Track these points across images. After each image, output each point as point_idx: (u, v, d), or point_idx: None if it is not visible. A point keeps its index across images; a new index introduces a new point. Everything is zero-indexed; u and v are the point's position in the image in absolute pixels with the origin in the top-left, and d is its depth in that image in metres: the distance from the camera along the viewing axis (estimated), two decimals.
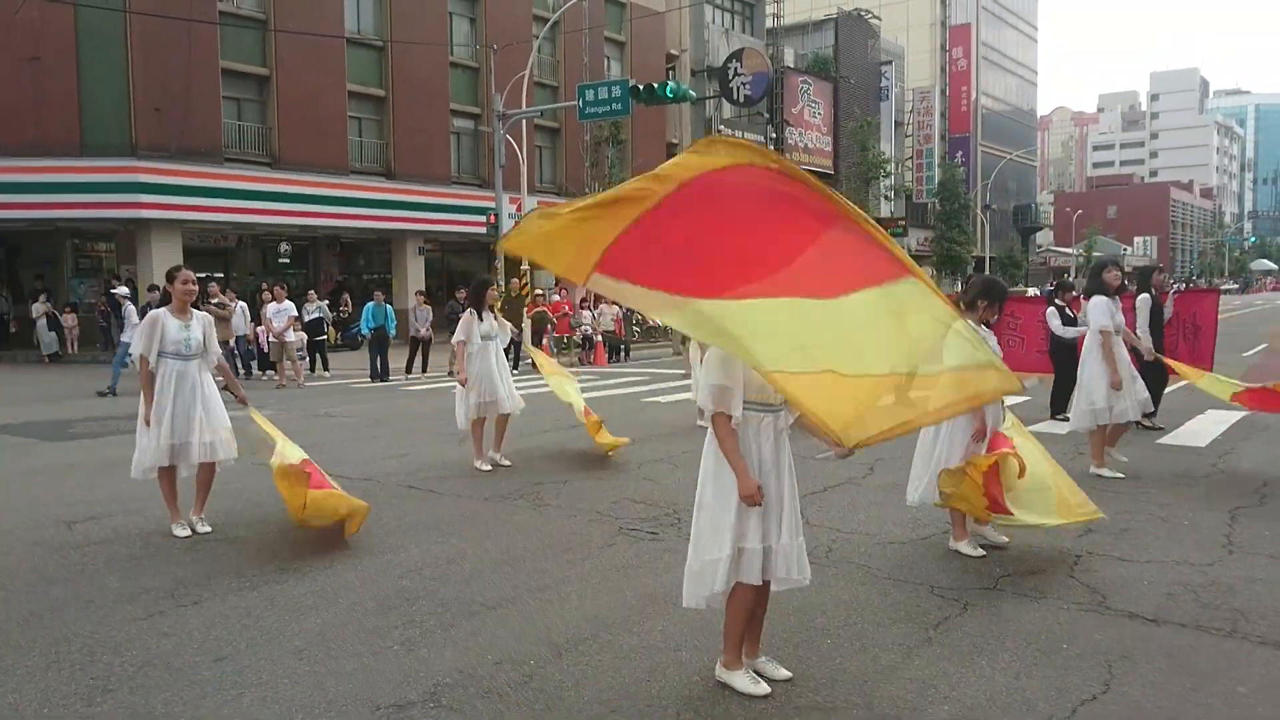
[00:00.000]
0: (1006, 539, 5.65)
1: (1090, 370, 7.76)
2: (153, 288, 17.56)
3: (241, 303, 19.31)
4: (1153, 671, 3.85)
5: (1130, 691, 3.67)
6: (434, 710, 3.57)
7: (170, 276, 6.26)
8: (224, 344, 10.57)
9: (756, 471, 3.55)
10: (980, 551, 5.48)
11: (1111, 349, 7.57)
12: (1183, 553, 5.49)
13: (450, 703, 3.63)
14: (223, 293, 18.42)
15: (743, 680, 3.67)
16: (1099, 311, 7.69)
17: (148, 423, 6.01)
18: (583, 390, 14.43)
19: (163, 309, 6.18)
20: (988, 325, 5.60)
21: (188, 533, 6.10)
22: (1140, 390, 7.76)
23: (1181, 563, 5.29)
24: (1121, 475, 7.62)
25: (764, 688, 3.65)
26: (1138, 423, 9.67)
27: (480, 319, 8.46)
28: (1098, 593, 4.81)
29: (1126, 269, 8.98)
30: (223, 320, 16.47)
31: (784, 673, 3.78)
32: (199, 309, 6.40)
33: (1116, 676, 3.80)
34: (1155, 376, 9.77)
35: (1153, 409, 8.96)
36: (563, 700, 3.65)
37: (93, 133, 23.01)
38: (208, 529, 6.21)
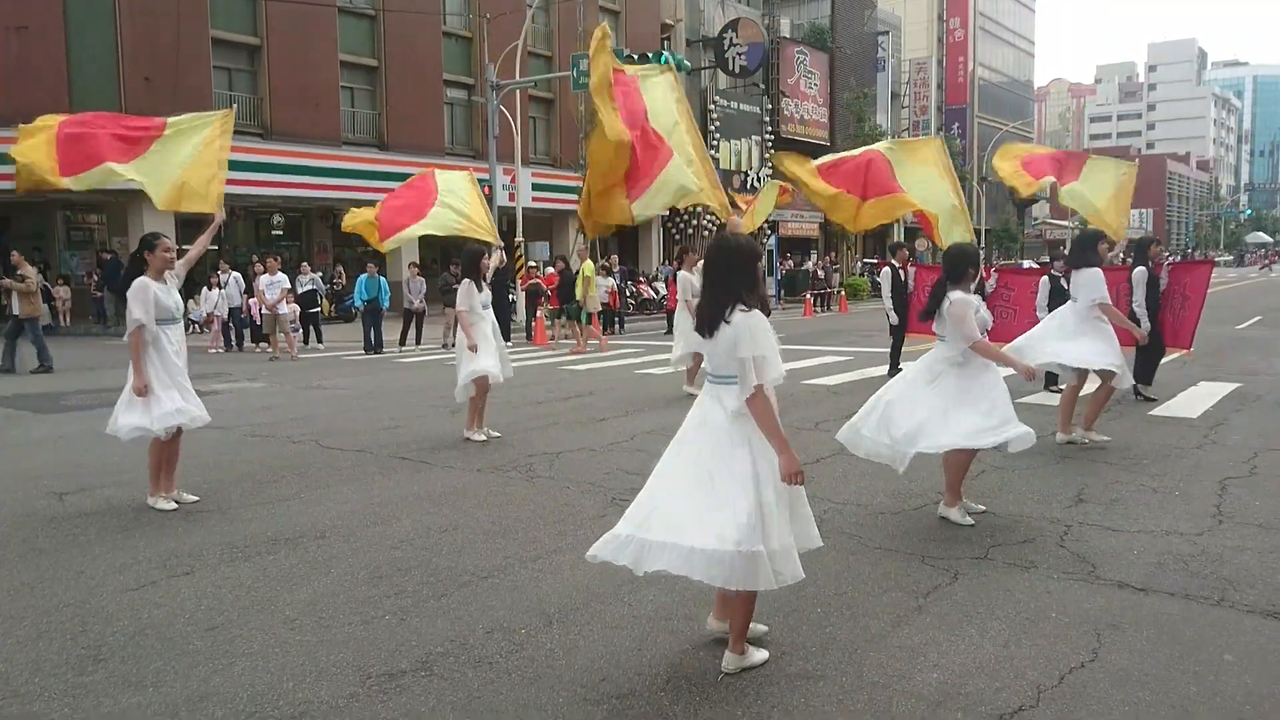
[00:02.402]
0: (982, 507, 5.70)
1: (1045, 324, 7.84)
2: (135, 255, 17.40)
3: (236, 273, 19.20)
4: (1141, 640, 3.87)
5: (1118, 660, 3.69)
6: (425, 679, 3.58)
7: (150, 245, 6.14)
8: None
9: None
10: (969, 520, 5.51)
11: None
12: (1172, 523, 5.52)
13: (442, 671, 3.65)
14: (197, 267, 18.22)
15: (761, 655, 3.70)
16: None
17: (140, 393, 5.92)
18: (577, 364, 14.47)
19: (144, 277, 6.08)
20: (980, 294, 5.64)
21: (172, 505, 6.06)
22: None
23: (1171, 532, 5.32)
24: (1102, 442, 7.60)
25: (762, 653, 3.71)
26: (1136, 394, 9.72)
27: (479, 289, 8.42)
28: (1087, 562, 4.83)
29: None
30: (25, 295, 14.56)
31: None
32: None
33: (1105, 645, 3.82)
34: (1151, 348, 9.79)
35: (1144, 381, 8.95)
36: (553, 669, 3.67)
37: (82, 102, 22.63)
38: (194, 498, 6.21)
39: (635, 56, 21.46)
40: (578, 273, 18.48)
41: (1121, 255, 10.21)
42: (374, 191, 27.72)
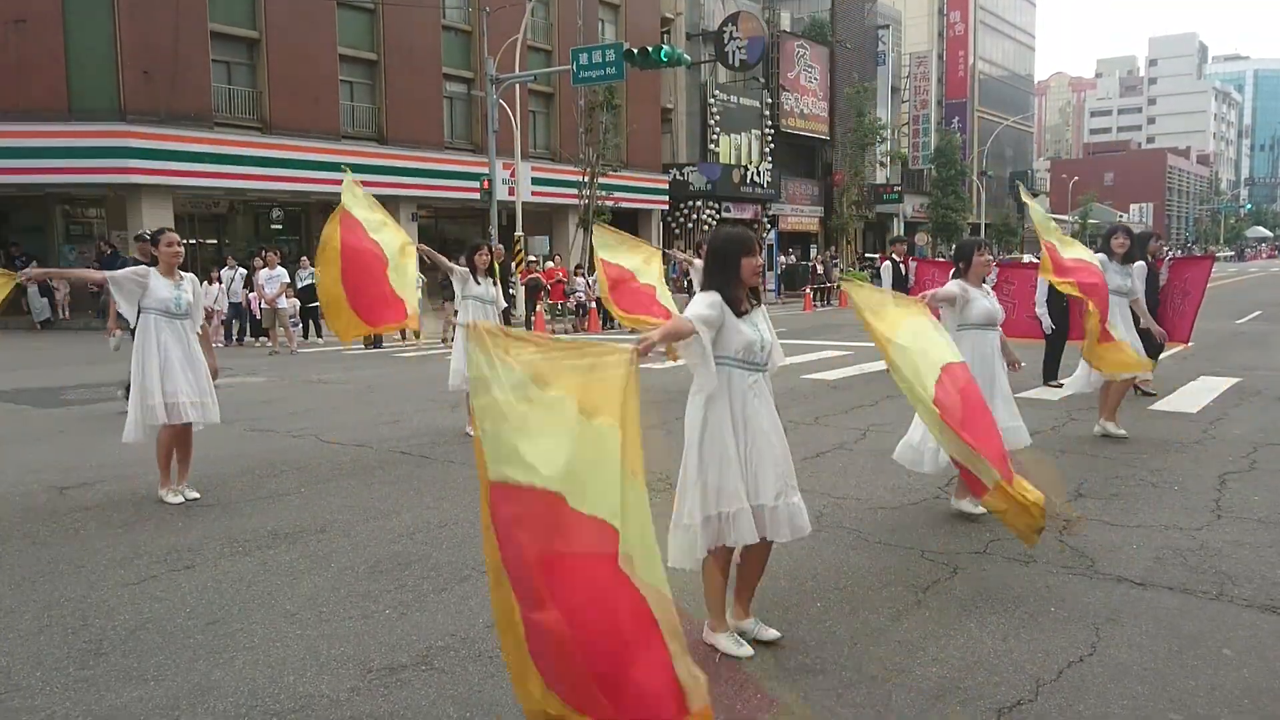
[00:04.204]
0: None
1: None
2: (142, 250, 17.40)
3: (242, 269, 19.19)
4: (1139, 634, 3.88)
5: (1116, 653, 3.70)
6: (425, 673, 3.59)
7: (154, 240, 6.20)
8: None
9: (735, 429, 3.60)
10: (983, 509, 5.50)
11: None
12: (1171, 517, 5.52)
13: (442, 665, 3.65)
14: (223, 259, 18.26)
15: (726, 642, 3.70)
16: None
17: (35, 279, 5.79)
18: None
19: (150, 269, 6.14)
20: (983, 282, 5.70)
21: (180, 499, 6.09)
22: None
23: (1170, 527, 5.33)
24: (1125, 434, 7.68)
25: (747, 649, 3.68)
26: (1135, 388, 9.73)
27: (477, 281, 8.41)
28: (1086, 557, 4.84)
29: None
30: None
31: (771, 633, 3.81)
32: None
33: (1103, 639, 3.83)
34: (1151, 343, 9.79)
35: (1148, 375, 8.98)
36: None
37: (80, 97, 22.73)
38: (195, 495, 6.19)
39: (635, 51, 21.39)
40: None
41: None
42: (374, 186, 27.77)
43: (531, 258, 23.99)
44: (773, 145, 41.88)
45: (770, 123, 41.81)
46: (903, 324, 4.58)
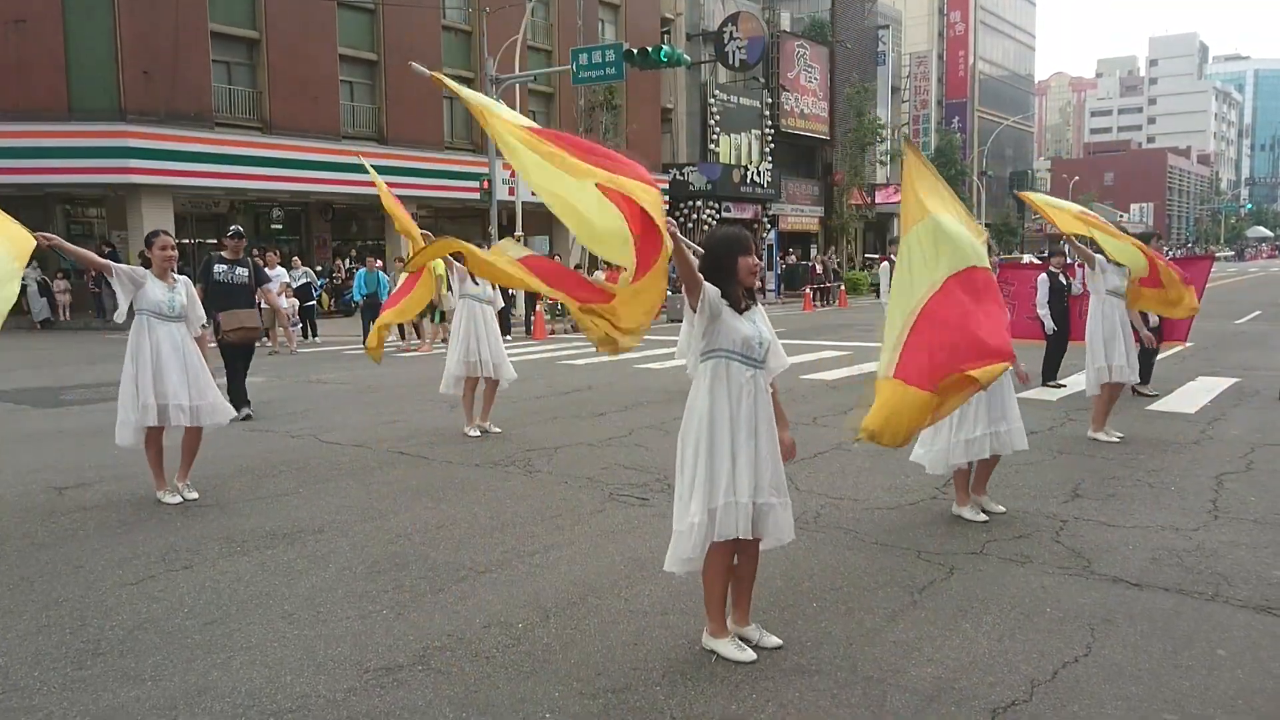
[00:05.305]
0: (1003, 509, 5.69)
1: (1091, 332, 7.88)
2: (142, 253, 17.41)
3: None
4: (1134, 634, 3.89)
5: (1111, 654, 3.71)
6: (423, 673, 3.60)
7: (149, 241, 6.23)
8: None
9: (733, 425, 3.60)
10: (983, 516, 5.52)
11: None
12: (1168, 518, 5.53)
13: (439, 665, 3.66)
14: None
15: (728, 647, 3.70)
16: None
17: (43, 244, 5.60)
18: (577, 357, 14.43)
19: (147, 271, 6.16)
20: None
21: (177, 499, 6.10)
22: (1134, 356, 7.86)
23: (1166, 528, 5.34)
24: (1117, 440, 7.69)
25: (749, 654, 3.67)
26: (1133, 389, 9.74)
27: (475, 281, 8.45)
28: (1082, 557, 4.85)
29: None
30: None
31: (773, 640, 3.80)
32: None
33: (1098, 639, 3.84)
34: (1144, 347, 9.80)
35: (1141, 379, 9.00)
36: (550, 663, 3.69)
37: (80, 96, 22.73)
38: (194, 495, 6.20)
39: (635, 51, 21.39)
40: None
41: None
42: (373, 185, 27.75)
43: None
44: (773, 145, 41.85)
45: (770, 123, 41.77)
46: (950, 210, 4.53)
